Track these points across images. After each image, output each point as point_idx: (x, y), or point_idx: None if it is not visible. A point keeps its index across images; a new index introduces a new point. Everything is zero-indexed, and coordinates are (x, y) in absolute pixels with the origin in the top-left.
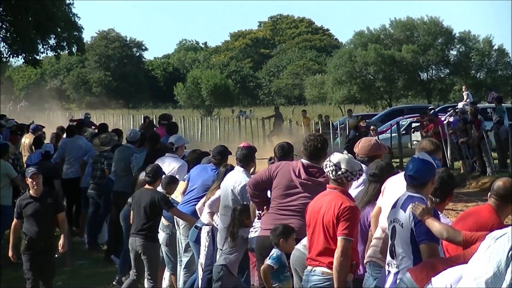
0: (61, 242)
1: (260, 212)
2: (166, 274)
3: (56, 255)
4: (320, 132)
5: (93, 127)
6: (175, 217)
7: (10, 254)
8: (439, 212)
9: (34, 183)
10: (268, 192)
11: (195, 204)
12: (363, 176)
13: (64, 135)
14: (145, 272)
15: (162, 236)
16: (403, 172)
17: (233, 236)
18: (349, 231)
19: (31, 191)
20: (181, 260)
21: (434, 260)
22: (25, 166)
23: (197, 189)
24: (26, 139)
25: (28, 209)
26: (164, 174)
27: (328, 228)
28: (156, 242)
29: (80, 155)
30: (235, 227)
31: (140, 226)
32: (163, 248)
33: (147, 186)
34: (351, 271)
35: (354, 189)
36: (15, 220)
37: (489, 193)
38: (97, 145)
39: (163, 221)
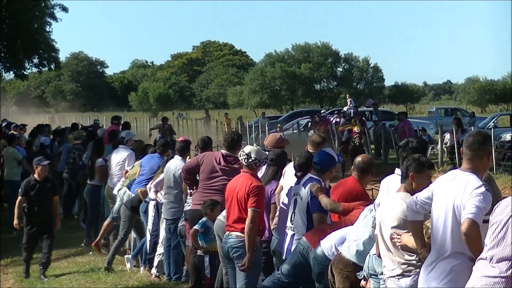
0: (56, 223)
1: (191, 191)
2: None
3: None
4: (239, 129)
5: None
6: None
7: (15, 222)
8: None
9: (42, 170)
10: (197, 175)
11: (146, 184)
12: None
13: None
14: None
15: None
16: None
17: None
18: (257, 204)
19: (35, 175)
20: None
21: (324, 225)
22: None
23: (146, 173)
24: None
25: (33, 190)
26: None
27: (241, 202)
28: (134, 212)
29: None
30: None
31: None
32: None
33: None
34: (259, 234)
35: None
36: (19, 197)
37: (352, 167)
38: (71, 139)
39: None
